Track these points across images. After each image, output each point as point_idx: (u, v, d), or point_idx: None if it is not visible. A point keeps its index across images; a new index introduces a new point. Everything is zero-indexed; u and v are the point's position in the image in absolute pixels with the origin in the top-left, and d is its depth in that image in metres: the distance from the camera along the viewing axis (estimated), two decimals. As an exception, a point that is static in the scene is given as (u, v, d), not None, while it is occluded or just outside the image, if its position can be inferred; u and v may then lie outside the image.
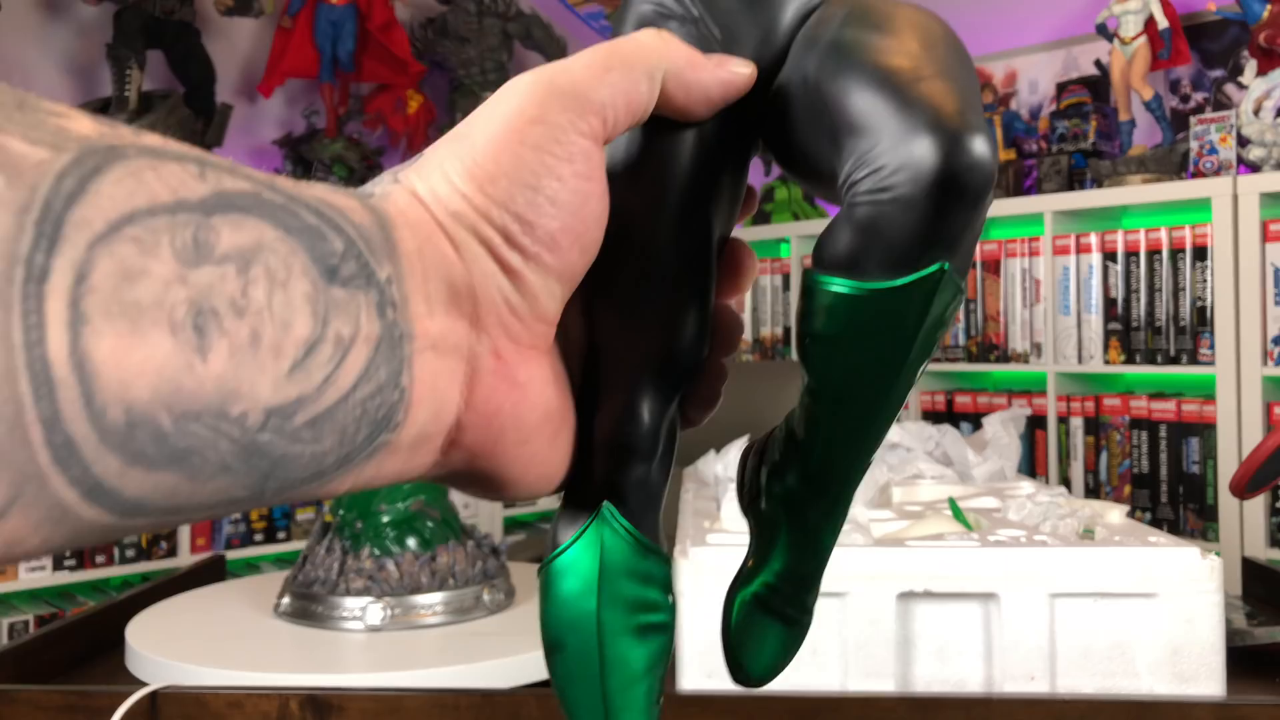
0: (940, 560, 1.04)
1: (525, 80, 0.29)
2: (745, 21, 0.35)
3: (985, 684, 1.04)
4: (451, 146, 0.29)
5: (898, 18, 0.33)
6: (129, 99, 2.14)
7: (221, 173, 0.23)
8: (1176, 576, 1.02)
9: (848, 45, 0.32)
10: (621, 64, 0.30)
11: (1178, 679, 1.01)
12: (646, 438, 0.32)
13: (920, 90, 0.29)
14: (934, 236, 0.28)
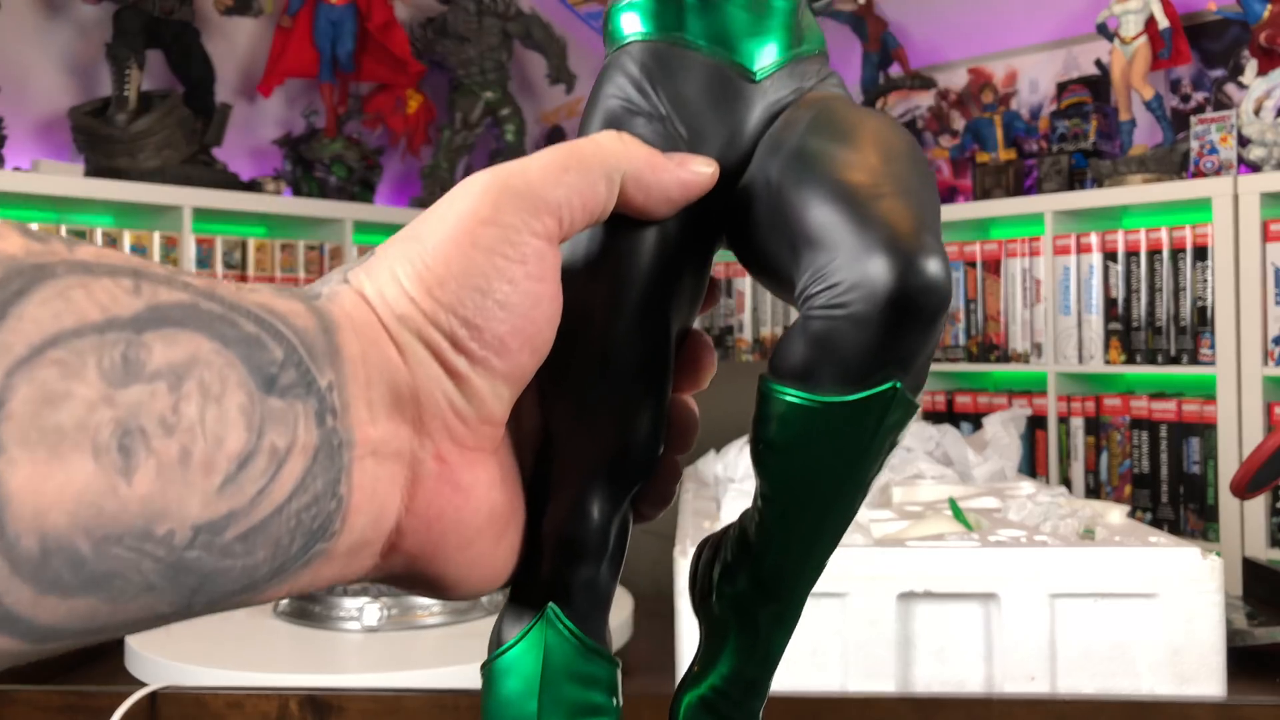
0: (940, 560, 1.04)
1: (479, 180, 0.29)
2: (712, 121, 0.35)
3: (985, 684, 1.04)
4: (402, 247, 0.28)
5: (861, 129, 0.33)
6: (128, 99, 2.14)
7: (158, 285, 0.22)
8: (1177, 577, 1.02)
9: (810, 155, 0.32)
10: (579, 165, 0.30)
11: (1178, 679, 1.01)
12: (595, 537, 0.32)
13: (878, 208, 0.29)
14: (887, 355, 0.29)
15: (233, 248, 2.19)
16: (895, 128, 0.33)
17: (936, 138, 2.98)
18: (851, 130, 0.33)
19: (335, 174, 2.47)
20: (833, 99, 0.35)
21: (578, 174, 0.30)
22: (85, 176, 2.06)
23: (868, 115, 0.34)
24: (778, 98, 0.36)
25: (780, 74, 0.36)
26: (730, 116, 0.35)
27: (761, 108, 0.35)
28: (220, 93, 2.38)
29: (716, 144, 0.34)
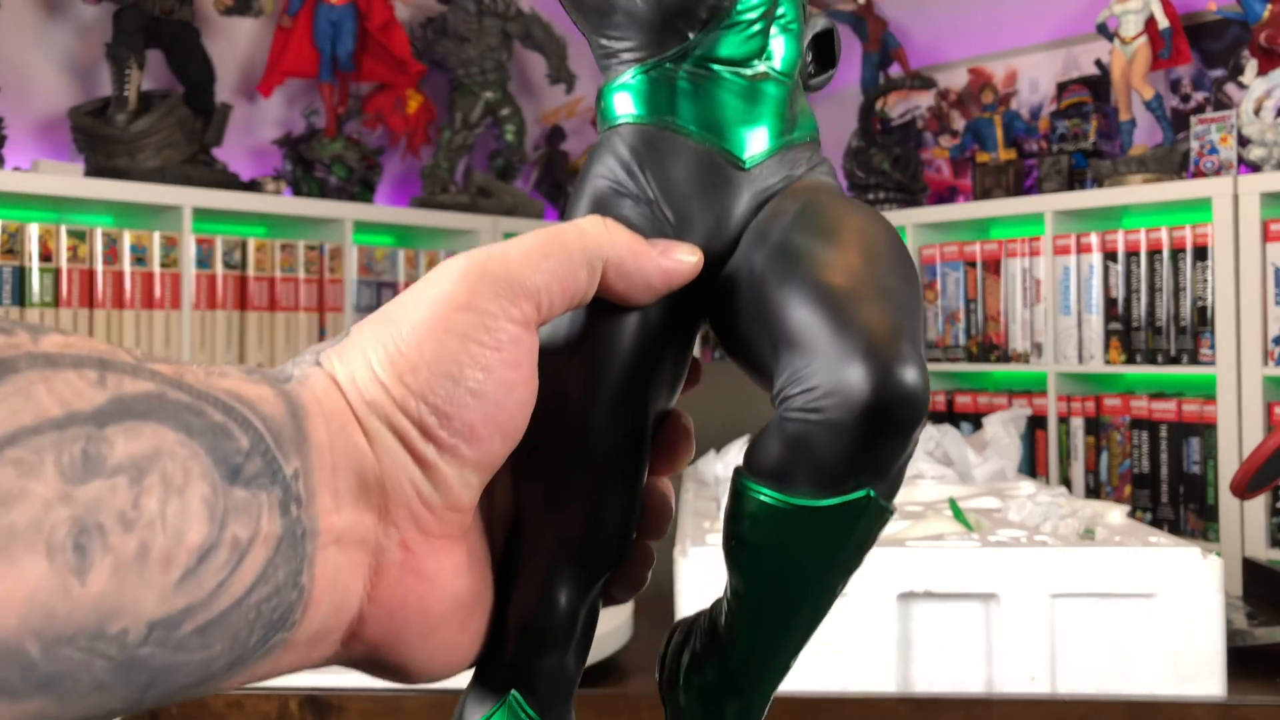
0: (940, 560, 1.04)
1: (458, 263, 0.29)
2: (699, 207, 0.34)
3: (985, 684, 1.04)
4: (376, 329, 0.28)
5: (845, 226, 0.33)
6: (128, 99, 2.14)
7: (123, 375, 0.22)
8: (1177, 577, 1.02)
9: (794, 251, 0.32)
10: (560, 251, 0.30)
11: (1178, 679, 1.01)
12: (561, 625, 0.32)
13: (857, 313, 0.29)
14: (861, 463, 0.28)
15: (233, 248, 2.19)
16: (879, 224, 0.33)
17: (936, 138, 2.98)
18: (836, 227, 0.32)
19: (335, 174, 2.47)
20: (821, 190, 0.35)
21: (558, 260, 0.30)
22: (85, 176, 2.06)
23: (853, 210, 0.34)
24: (766, 185, 0.35)
25: (770, 161, 0.36)
26: (718, 203, 0.35)
27: (750, 195, 0.35)
28: (220, 93, 2.38)
29: (703, 230, 0.34)
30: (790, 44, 0.37)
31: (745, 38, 0.35)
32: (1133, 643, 1.03)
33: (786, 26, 0.36)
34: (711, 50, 0.35)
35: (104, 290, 2.01)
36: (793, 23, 0.37)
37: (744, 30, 0.35)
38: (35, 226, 1.94)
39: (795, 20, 0.37)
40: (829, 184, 0.36)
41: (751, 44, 0.35)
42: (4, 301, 1.89)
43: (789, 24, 0.37)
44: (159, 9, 2.21)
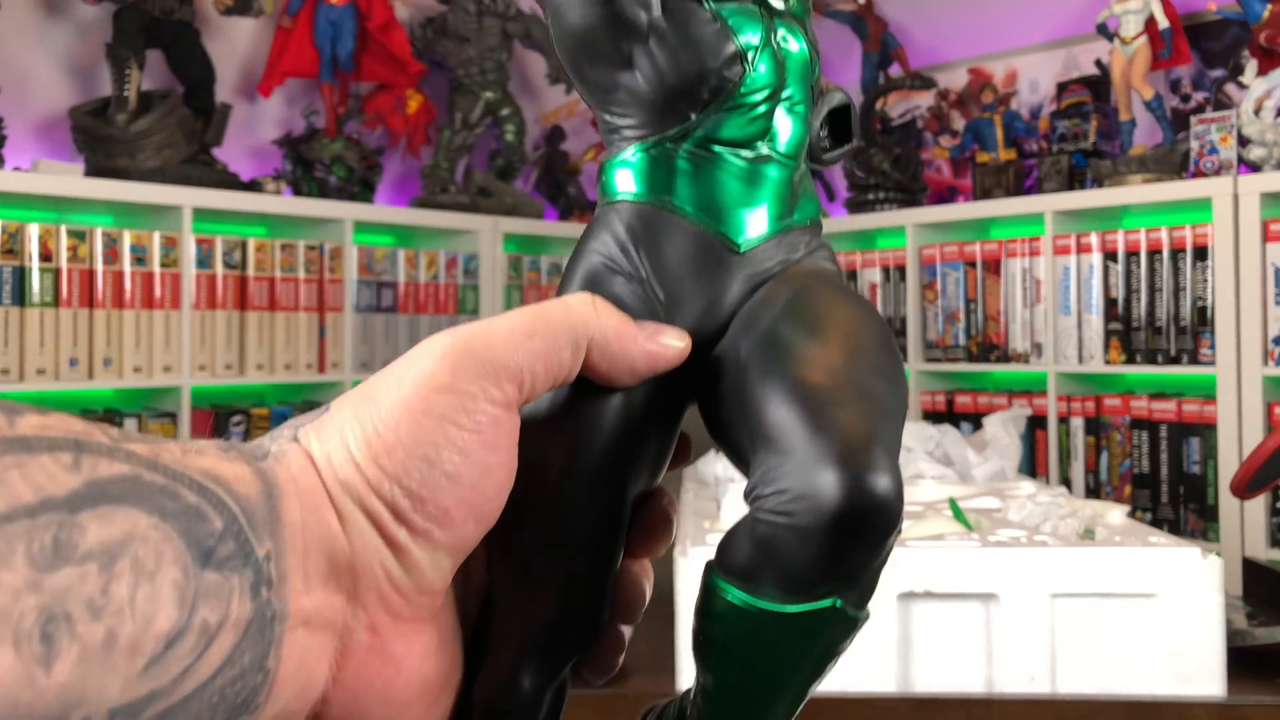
0: (940, 560, 1.04)
1: (441, 341, 0.29)
2: (691, 288, 0.34)
3: (985, 684, 1.04)
4: (356, 407, 0.28)
5: (832, 319, 0.32)
6: (128, 99, 2.14)
7: (99, 458, 0.22)
8: (1177, 577, 1.02)
9: (778, 344, 0.31)
10: (546, 330, 0.30)
11: (1178, 679, 1.01)
12: (525, 709, 0.31)
13: (834, 416, 0.28)
14: (830, 571, 0.28)
15: (233, 248, 2.19)
16: (868, 318, 0.33)
17: (936, 138, 2.98)
18: (823, 320, 0.32)
19: (335, 174, 2.47)
20: (815, 277, 0.35)
21: (543, 340, 0.29)
22: (85, 176, 2.06)
23: (843, 302, 0.33)
24: (762, 268, 0.35)
25: (766, 245, 0.35)
26: (710, 285, 0.34)
27: (743, 278, 0.35)
28: (220, 93, 2.38)
29: (694, 312, 0.34)
30: (796, 126, 0.36)
31: (748, 120, 0.35)
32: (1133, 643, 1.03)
33: (793, 108, 0.36)
34: (713, 131, 0.34)
35: (104, 290, 2.01)
36: (799, 104, 0.36)
37: (747, 113, 0.35)
38: (35, 226, 1.94)
39: (803, 101, 0.36)
40: (825, 270, 0.36)
41: (754, 126, 0.35)
42: (4, 301, 1.89)
43: (795, 105, 0.36)
44: (159, 9, 2.21)
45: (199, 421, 2.13)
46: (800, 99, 0.36)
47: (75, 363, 1.97)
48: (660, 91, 0.34)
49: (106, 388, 2.04)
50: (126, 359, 2.03)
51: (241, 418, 2.20)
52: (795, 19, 0.37)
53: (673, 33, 0.34)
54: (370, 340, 2.41)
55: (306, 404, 2.33)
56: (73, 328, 1.97)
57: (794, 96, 0.36)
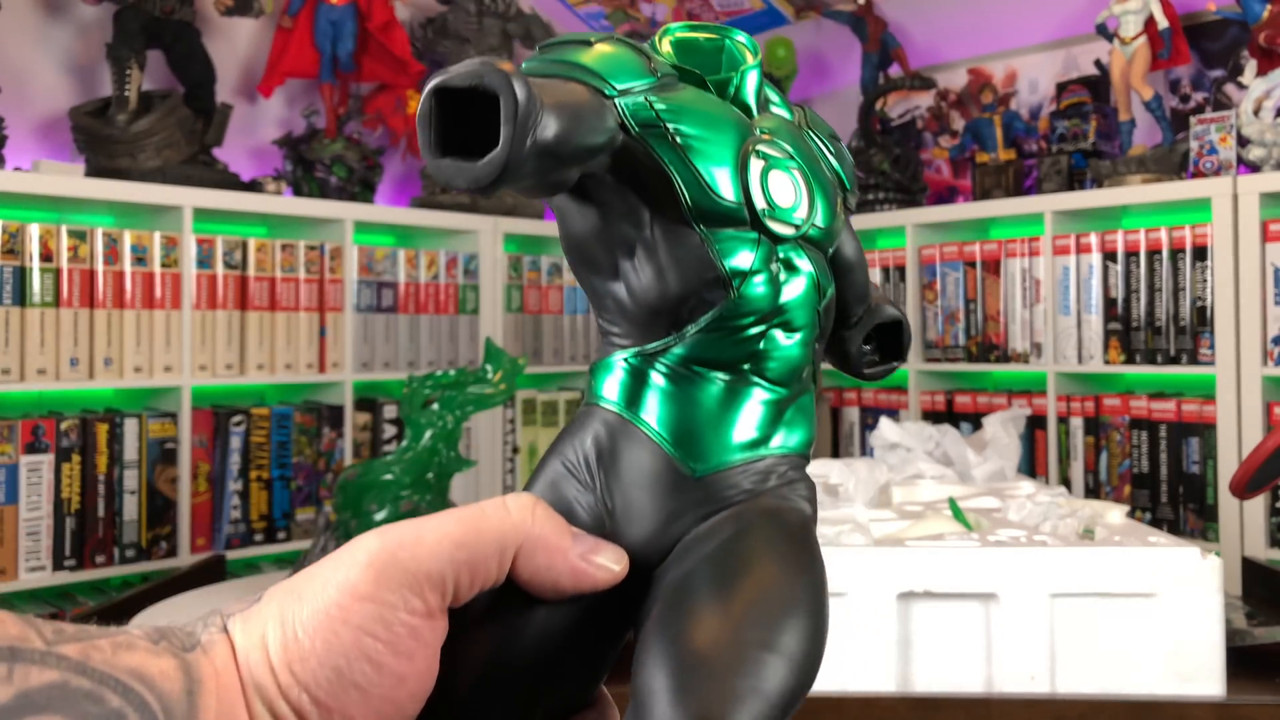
0: (940, 560, 1.04)
1: (370, 546, 0.29)
2: (642, 508, 0.33)
3: (985, 684, 1.04)
4: (283, 605, 0.29)
5: (750, 575, 0.31)
6: (128, 99, 2.14)
7: (30, 666, 0.24)
8: (1176, 576, 1.02)
9: (684, 594, 0.30)
10: (475, 540, 0.30)
11: (1178, 679, 1.01)
12: None
13: (699, 692, 0.27)
14: None
15: (233, 248, 2.19)
16: (797, 578, 0.31)
17: (936, 138, 2.98)
18: (739, 575, 0.30)
19: (335, 174, 2.48)
20: (767, 519, 0.33)
21: (471, 550, 0.30)
22: (85, 177, 2.06)
23: (776, 556, 0.32)
24: (723, 497, 0.33)
25: (730, 473, 0.34)
26: (661, 508, 0.33)
27: (698, 504, 0.33)
28: (220, 93, 2.38)
29: (642, 532, 0.33)
30: (791, 352, 0.35)
31: (733, 343, 0.34)
32: (1133, 643, 1.03)
33: (790, 333, 0.35)
34: (694, 351, 0.34)
35: (104, 290, 2.01)
36: (799, 330, 0.35)
37: (731, 335, 0.34)
38: (35, 226, 1.94)
39: (804, 327, 0.35)
40: (785, 511, 0.34)
41: (739, 350, 0.34)
42: (4, 301, 1.89)
43: (793, 330, 0.35)
44: (159, 9, 2.21)
45: (199, 421, 2.13)
46: (802, 324, 0.35)
47: (76, 363, 1.97)
48: (643, 307, 0.34)
49: (107, 388, 2.04)
50: (127, 359, 2.03)
51: (242, 418, 2.20)
52: (813, 243, 0.36)
53: (660, 251, 0.33)
54: (370, 340, 2.41)
55: (306, 404, 2.33)
56: (73, 328, 1.97)
57: (793, 322, 0.35)
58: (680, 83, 0.35)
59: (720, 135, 0.34)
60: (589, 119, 0.31)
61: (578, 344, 2.80)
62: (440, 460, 1.46)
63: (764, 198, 0.34)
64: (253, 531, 2.20)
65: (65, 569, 1.94)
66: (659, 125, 0.33)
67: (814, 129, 0.39)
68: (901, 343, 0.41)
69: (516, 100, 0.28)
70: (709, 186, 0.33)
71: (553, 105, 0.29)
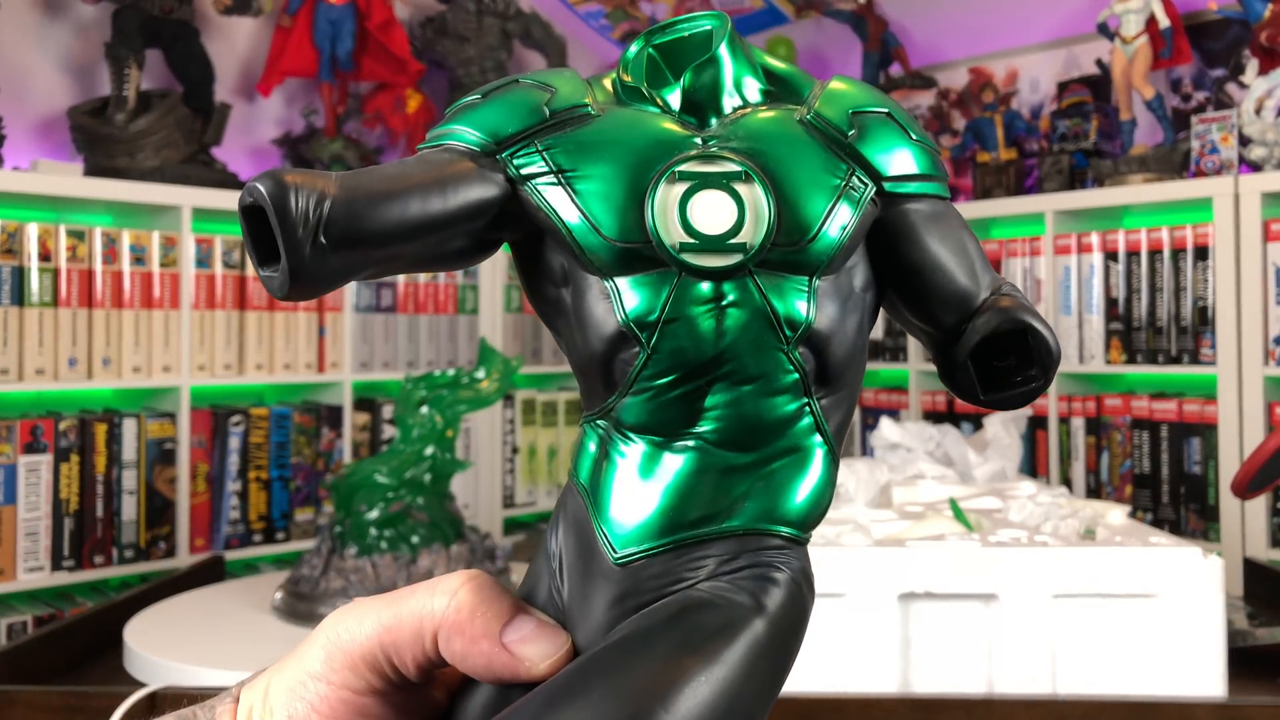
0: (941, 561, 1.04)
1: (326, 627, 0.32)
2: (578, 593, 0.30)
3: (985, 684, 1.04)
4: (273, 673, 0.33)
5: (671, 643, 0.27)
6: (127, 98, 2.14)
7: None
8: (1178, 577, 1.01)
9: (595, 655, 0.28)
10: (396, 623, 0.31)
11: (1179, 679, 1.01)
12: None
13: None
14: None
15: (232, 247, 2.19)
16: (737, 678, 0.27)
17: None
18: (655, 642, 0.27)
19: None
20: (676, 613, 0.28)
21: (395, 633, 0.31)
22: (84, 176, 2.06)
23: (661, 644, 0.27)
24: (652, 585, 0.29)
25: (656, 560, 0.29)
26: (588, 594, 0.30)
27: (619, 597, 0.29)
28: (220, 92, 2.37)
29: (583, 622, 0.30)
30: (745, 408, 0.29)
31: (660, 405, 0.29)
32: (1133, 643, 1.02)
33: (738, 384, 0.29)
34: (625, 416, 0.29)
35: (103, 290, 2.01)
36: (758, 378, 0.29)
37: (659, 397, 0.29)
38: (34, 226, 1.93)
39: (767, 375, 0.29)
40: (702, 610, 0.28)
41: (671, 411, 0.29)
42: (3, 301, 1.89)
43: (747, 378, 0.29)
44: (158, 8, 2.21)
45: (198, 421, 2.13)
46: (756, 373, 0.29)
47: (74, 362, 1.96)
48: (576, 369, 0.31)
49: (106, 388, 2.04)
50: (126, 359, 2.03)
51: (240, 418, 2.20)
52: (791, 266, 0.29)
53: (573, 309, 0.30)
54: (370, 340, 2.41)
55: (306, 404, 2.33)
56: (72, 328, 1.96)
57: (741, 372, 0.29)
58: (617, 107, 0.32)
59: (617, 167, 0.29)
60: (417, 193, 0.29)
61: (578, 344, 2.80)
62: (435, 461, 1.46)
63: (681, 227, 0.28)
64: (251, 532, 2.20)
65: (64, 569, 1.93)
66: (550, 171, 0.30)
67: (824, 114, 0.32)
68: (1031, 354, 0.30)
69: (280, 210, 0.27)
70: (598, 229, 0.29)
71: (353, 197, 0.28)
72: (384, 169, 0.29)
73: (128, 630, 1.33)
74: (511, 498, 2.66)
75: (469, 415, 2.45)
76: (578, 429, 0.32)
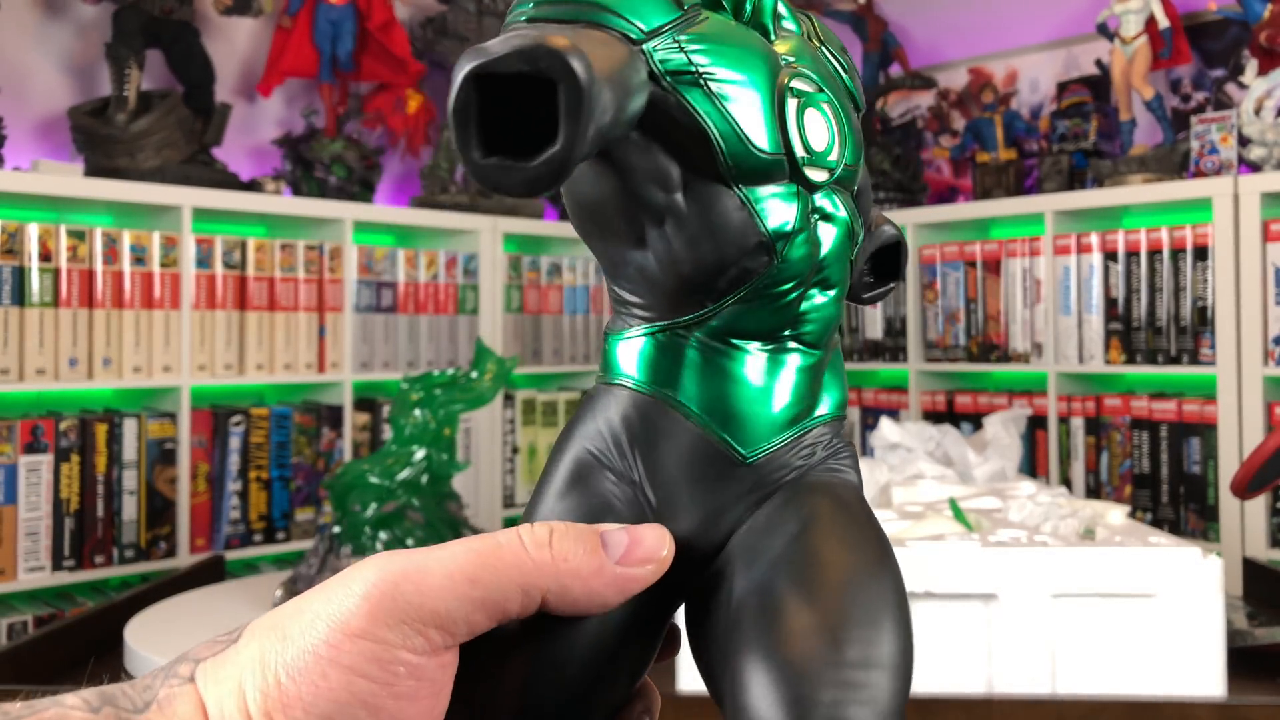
0: (941, 561, 1.04)
1: (366, 576, 0.26)
2: (688, 498, 0.30)
3: (985, 684, 1.04)
4: (264, 646, 0.25)
5: (830, 574, 0.28)
6: (128, 99, 2.14)
7: None
8: (1177, 577, 1.01)
9: (771, 604, 0.28)
10: (491, 578, 0.27)
11: (1178, 679, 1.01)
12: None
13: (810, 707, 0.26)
14: None
15: (232, 247, 2.19)
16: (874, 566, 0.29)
17: (936, 138, 2.98)
18: (820, 576, 0.28)
19: (335, 174, 2.47)
20: (826, 499, 0.30)
21: (486, 588, 0.27)
22: (85, 176, 2.06)
23: (847, 545, 0.29)
24: (773, 477, 0.31)
25: (779, 452, 0.31)
26: (710, 497, 0.31)
27: (748, 488, 0.31)
28: (220, 92, 2.37)
29: (689, 523, 0.30)
30: (828, 311, 0.32)
31: (772, 311, 0.31)
32: (1133, 643, 1.02)
33: (826, 290, 0.32)
34: (731, 323, 0.30)
35: (103, 290, 2.01)
36: (835, 285, 0.32)
37: (772, 303, 0.30)
38: (35, 226, 1.93)
39: (840, 282, 0.32)
40: (839, 487, 0.31)
41: (779, 317, 0.31)
42: (4, 301, 1.89)
43: (830, 287, 0.32)
44: (159, 9, 2.21)
45: (198, 421, 2.13)
46: (837, 279, 0.32)
47: (75, 362, 1.96)
48: (674, 278, 0.30)
49: (106, 388, 2.04)
50: (126, 359, 2.03)
51: (241, 418, 2.20)
52: (842, 184, 0.32)
53: (692, 217, 0.29)
54: (370, 340, 2.41)
55: (306, 404, 2.33)
56: (72, 328, 1.96)
57: (830, 278, 0.32)
58: (702, 8, 0.31)
59: (755, 76, 0.30)
60: (631, 82, 0.27)
61: (577, 344, 2.80)
62: (431, 462, 1.46)
63: (803, 144, 0.30)
64: (252, 532, 2.20)
65: (64, 569, 1.93)
66: (692, 72, 0.29)
67: (826, 43, 0.35)
68: (899, 263, 0.38)
69: (580, 91, 0.24)
70: (748, 140, 0.29)
71: (603, 77, 0.25)
72: (600, 46, 0.26)
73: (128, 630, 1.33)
74: (512, 498, 2.66)
75: (469, 415, 2.45)
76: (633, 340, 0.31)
